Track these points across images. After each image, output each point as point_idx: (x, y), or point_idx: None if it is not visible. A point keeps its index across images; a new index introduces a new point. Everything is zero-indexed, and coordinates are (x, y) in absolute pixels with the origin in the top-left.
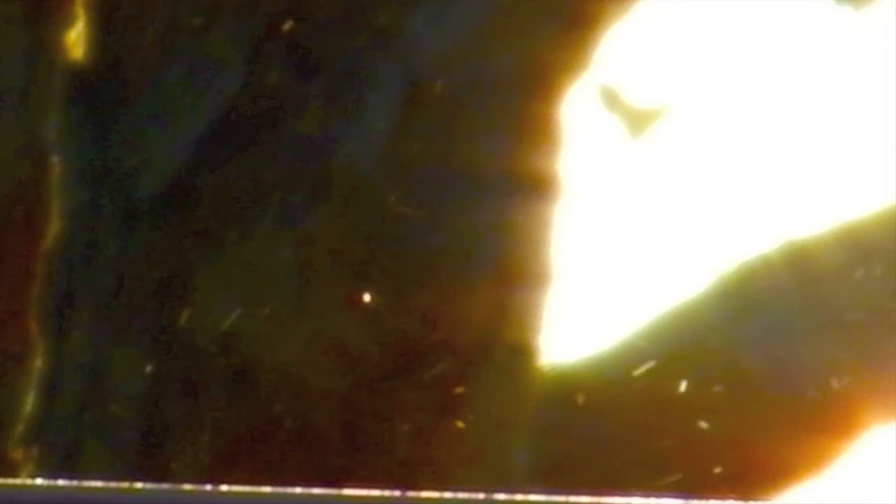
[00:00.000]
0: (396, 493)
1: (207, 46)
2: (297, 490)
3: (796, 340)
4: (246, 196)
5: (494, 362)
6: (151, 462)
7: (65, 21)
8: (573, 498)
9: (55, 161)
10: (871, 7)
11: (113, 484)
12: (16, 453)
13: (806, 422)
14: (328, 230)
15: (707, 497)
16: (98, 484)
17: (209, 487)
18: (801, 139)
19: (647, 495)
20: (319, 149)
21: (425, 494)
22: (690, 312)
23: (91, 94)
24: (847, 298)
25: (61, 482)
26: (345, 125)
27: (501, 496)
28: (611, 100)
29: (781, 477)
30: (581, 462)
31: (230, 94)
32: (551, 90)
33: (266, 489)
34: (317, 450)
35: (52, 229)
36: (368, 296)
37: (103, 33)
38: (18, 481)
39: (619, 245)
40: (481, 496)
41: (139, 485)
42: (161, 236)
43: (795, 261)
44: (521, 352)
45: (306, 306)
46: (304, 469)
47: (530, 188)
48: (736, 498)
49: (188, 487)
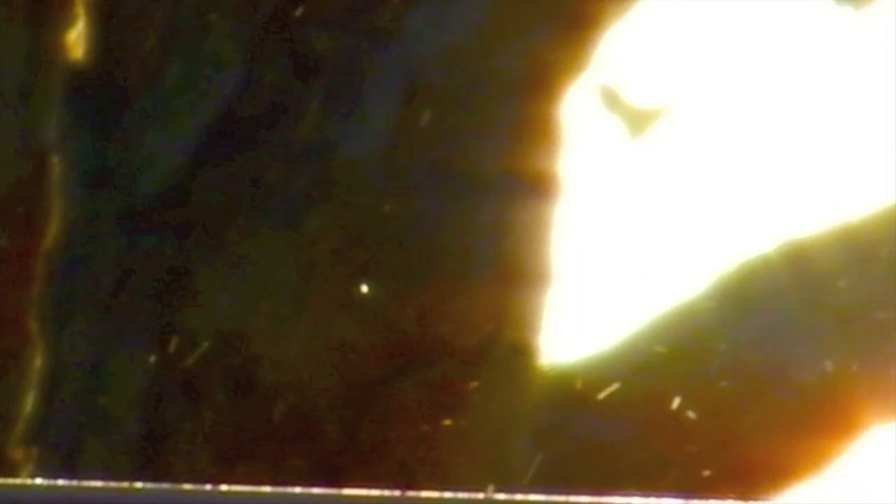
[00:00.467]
0: (396, 493)
1: (207, 46)
2: (297, 490)
3: (796, 340)
4: (246, 196)
5: (494, 362)
6: (151, 462)
7: (65, 21)
8: (573, 498)
9: (55, 161)
10: (871, 7)
11: (113, 484)
12: (16, 453)
13: (806, 422)
14: (328, 230)
15: (707, 497)
16: (98, 484)
17: (209, 487)
18: (801, 139)
19: (647, 495)
20: (319, 149)
21: (425, 494)
22: (690, 312)
23: (91, 94)
24: (847, 298)
25: (61, 482)
26: (345, 125)
27: (501, 496)
28: (611, 100)
29: (781, 477)
30: (581, 462)
31: (230, 94)
32: (551, 90)
33: (266, 489)
34: (317, 450)
35: (52, 229)
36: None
37: (103, 33)
38: (18, 481)
39: (620, 245)
40: (481, 496)
41: (139, 485)
42: (161, 236)
43: (795, 261)
44: (521, 352)
45: (306, 306)
46: (304, 469)
47: (530, 188)
48: (736, 498)
49: (188, 487)
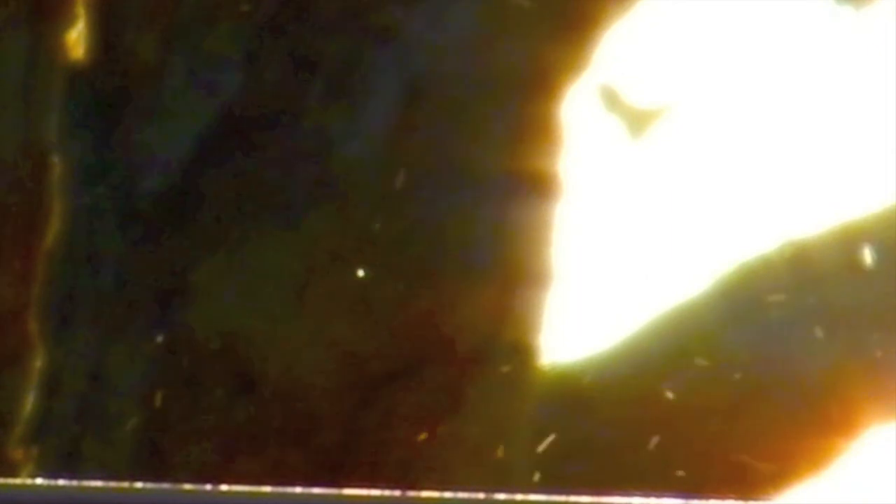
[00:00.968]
0: (396, 493)
1: (207, 46)
2: (297, 490)
3: (796, 340)
4: (246, 196)
5: (494, 362)
6: (151, 462)
7: (65, 21)
8: (573, 498)
9: (55, 161)
10: (871, 7)
11: (113, 484)
12: (16, 453)
13: (806, 422)
14: (328, 230)
15: (707, 497)
16: (98, 484)
17: (209, 487)
18: (801, 139)
19: (647, 495)
20: (319, 149)
21: (425, 494)
22: (690, 312)
23: (91, 94)
24: (847, 298)
25: (61, 482)
26: (345, 125)
27: (501, 496)
28: (611, 100)
29: (781, 477)
30: (581, 462)
31: (230, 94)
32: (551, 90)
33: (266, 489)
34: (317, 450)
35: (52, 229)
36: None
37: (103, 33)
38: (18, 481)
39: (620, 245)
40: (481, 496)
41: (139, 485)
42: (161, 236)
43: (795, 261)
44: (521, 352)
45: (306, 306)
46: (304, 469)
47: (530, 188)
48: (736, 498)
49: (188, 487)
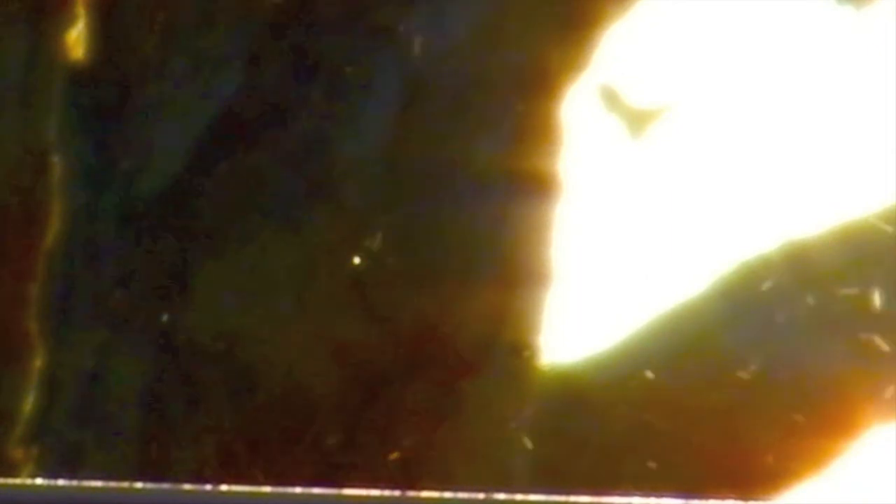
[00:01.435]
0: (396, 493)
1: (207, 46)
2: (297, 490)
3: (796, 340)
4: (246, 196)
5: (494, 362)
6: (151, 462)
7: (65, 21)
8: (573, 498)
9: (55, 161)
10: (871, 7)
11: (113, 484)
12: (16, 453)
13: (806, 422)
14: (328, 230)
15: (707, 497)
16: (98, 484)
17: (209, 487)
18: (801, 139)
19: (647, 495)
20: (319, 149)
21: (425, 494)
22: (690, 312)
23: (91, 94)
24: (847, 298)
25: (61, 482)
26: (345, 125)
27: (501, 496)
28: (611, 100)
29: (781, 477)
30: (581, 462)
31: (230, 94)
32: (551, 90)
33: (266, 489)
34: (317, 450)
35: (52, 229)
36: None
37: (103, 33)
38: (18, 481)
39: (620, 245)
40: (481, 496)
41: (139, 485)
42: (161, 236)
43: (795, 261)
44: (521, 352)
45: (306, 306)
46: (304, 469)
47: (530, 188)
48: (736, 498)
49: (188, 487)
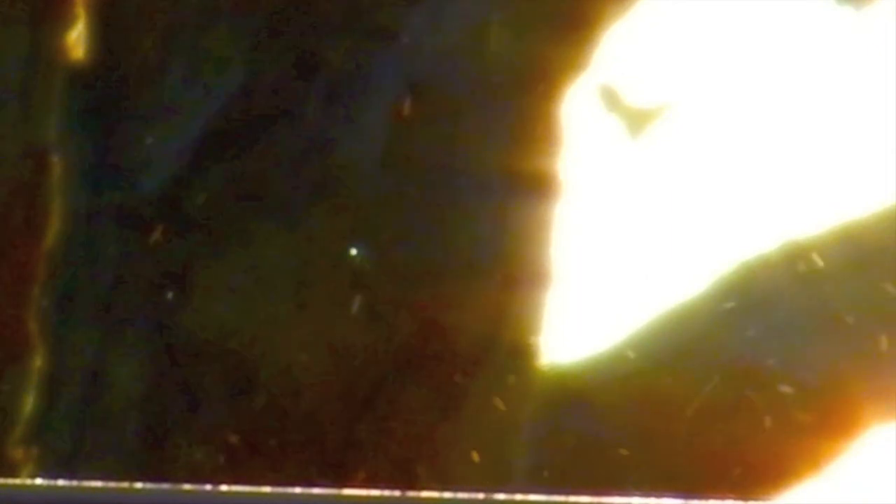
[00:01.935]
0: (396, 493)
1: (208, 46)
2: (297, 490)
3: (796, 340)
4: (246, 196)
5: (494, 362)
6: (151, 462)
7: (65, 21)
8: (573, 498)
9: (55, 161)
10: (871, 7)
11: (113, 484)
12: (16, 453)
13: (806, 422)
14: (328, 230)
15: (707, 497)
16: (98, 484)
17: (209, 487)
18: (801, 139)
19: (647, 495)
20: (319, 149)
21: (425, 494)
22: (690, 312)
23: (91, 94)
24: (847, 298)
25: (61, 482)
26: (345, 125)
27: (501, 496)
28: (611, 100)
29: (781, 477)
30: (581, 462)
31: (230, 94)
32: (551, 90)
33: (266, 489)
34: (317, 450)
35: (52, 229)
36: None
37: (103, 33)
38: (18, 481)
39: (619, 245)
40: (481, 496)
41: (139, 485)
42: (161, 236)
43: (795, 261)
44: (521, 352)
45: (306, 306)
46: (304, 469)
47: (530, 188)
48: (736, 498)
49: (188, 487)
